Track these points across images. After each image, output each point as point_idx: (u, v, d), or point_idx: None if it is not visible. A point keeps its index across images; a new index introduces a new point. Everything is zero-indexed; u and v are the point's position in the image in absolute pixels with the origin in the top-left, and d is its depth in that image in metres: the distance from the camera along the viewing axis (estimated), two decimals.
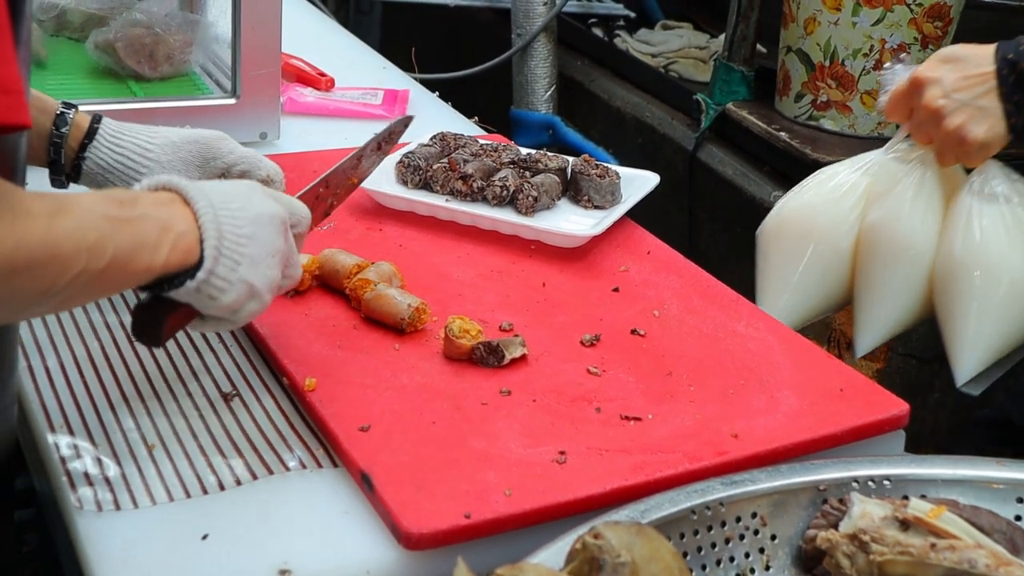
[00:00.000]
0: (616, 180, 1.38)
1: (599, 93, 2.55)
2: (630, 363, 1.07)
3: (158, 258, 0.86)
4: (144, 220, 0.85)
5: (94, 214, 0.82)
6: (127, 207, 0.85)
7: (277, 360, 1.04)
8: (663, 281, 1.24)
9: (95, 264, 0.81)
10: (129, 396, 1.00)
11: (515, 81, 2.63)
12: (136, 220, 0.85)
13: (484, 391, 1.01)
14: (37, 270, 0.77)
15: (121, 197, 0.87)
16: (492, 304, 1.16)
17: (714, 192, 2.18)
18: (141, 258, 0.85)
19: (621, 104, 2.46)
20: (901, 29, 1.92)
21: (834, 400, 1.02)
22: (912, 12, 1.90)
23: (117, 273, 0.83)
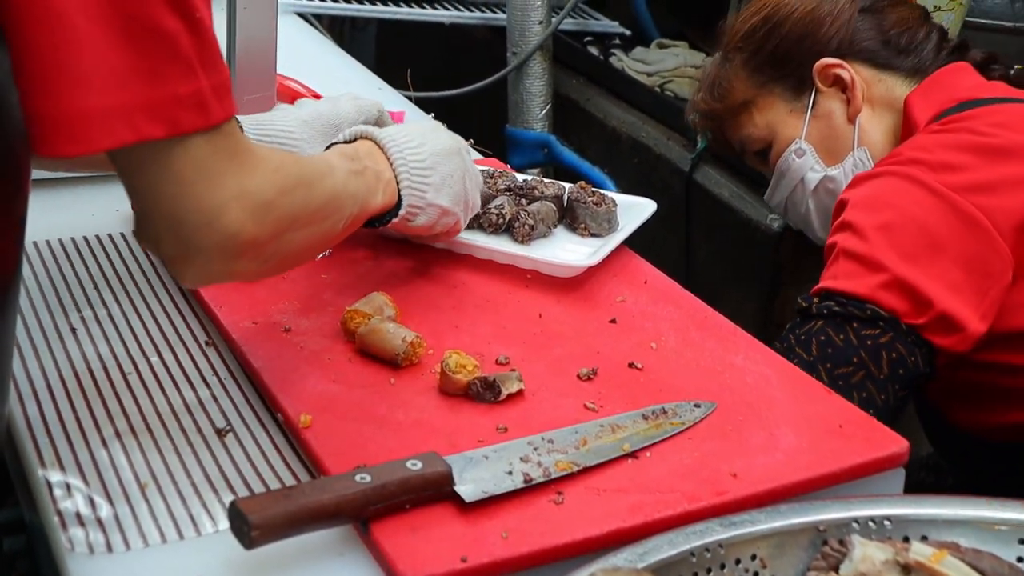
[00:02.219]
0: (613, 208, 1.38)
1: (595, 112, 2.54)
2: (628, 398, 1.06)
3: (377, 202, 1.09)
4: (366, 172, 1.07)
5: (343, 170, 1.03)
6: (355, 161, 1.06)
7: (272, 395, 1.03)
8: (660, 312, 1.23)
9: (355, 209, 1.03)
10: (122, 432, 0.99)
11: (510, 99, 2.62)
12: (363, 172, 1.06)
13: (480, 428, 1.00)
14: (332, 215, 0.99)
15: (349, 152, 1.07)
16: (488, 336, 1.15)
17: (710, 214, 2.17)
18: (370, 203, 1.07)
19: (617, 124, 2.45)
20: None
21: (833, 437, 1.02)
22: None
23: (361, 216, 1.06)
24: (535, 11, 2.51)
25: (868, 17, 1.54)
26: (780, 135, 1.57)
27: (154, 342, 1.14)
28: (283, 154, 0.94)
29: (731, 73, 1.60)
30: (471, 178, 1.21)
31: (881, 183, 1.33)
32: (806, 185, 1.55)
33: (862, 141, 1.51)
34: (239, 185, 0.85)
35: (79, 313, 1.18)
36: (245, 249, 0.87)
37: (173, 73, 0.79)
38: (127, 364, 1.10)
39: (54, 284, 1.23)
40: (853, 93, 1.51)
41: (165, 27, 0.78)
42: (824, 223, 1.57)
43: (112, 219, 1.36)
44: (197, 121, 0.81)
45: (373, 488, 0.86)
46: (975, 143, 1.32)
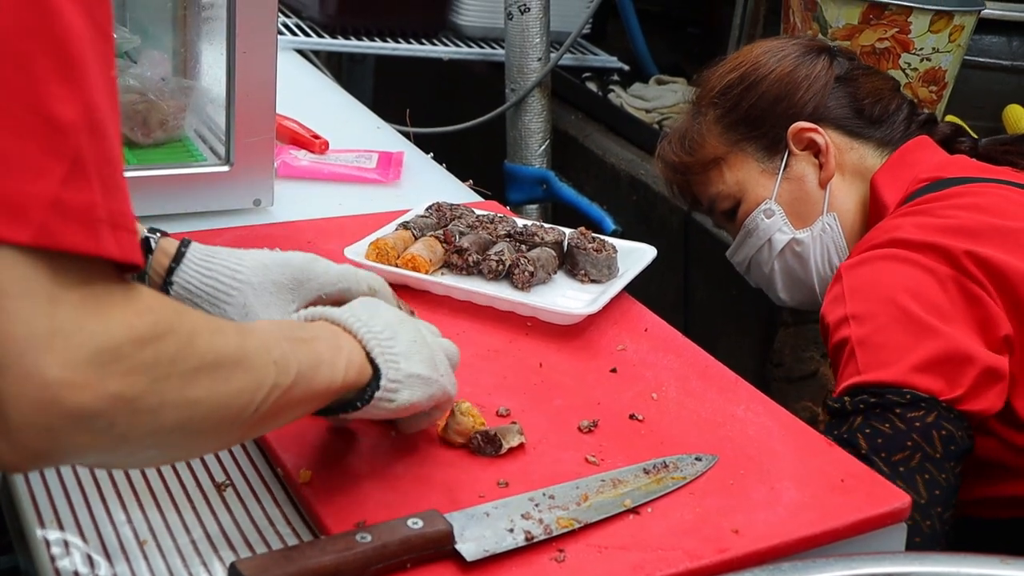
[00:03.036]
0: (613, 254, 1.38)
1: (593, 148, 2.55)
2: (628, 451, 1.06)
3: (337, 376, 0.88)
4: (317, 341, 0.88)
5: (274, 335, 0.83)
6: (300, 330, 0.89)
7: (271, 449, 1.03)
8: (661, 361, 1.23)
9: (284, 380, 0.80)
10: (120, 487, 0.99)
11: (509, 135, 2.63)
12: (311, 340, 0.88)
13: (481, 483, 1.00)
14: (235, 382, 0.75)
15: (292, 324, 0.91)
16: (489, 386, 1.16)
17: (709, 252, 2.18)
18: (323, 375, 0.87)
19: (616, 161, 2.47)
20: None
21: (835, 492, 1.02)
22: (908, 77, 1.91)
23: (304, 391, 0.84)
24: (534, 48, 2.52)
25: (843, 85, 1.55)
26: (750, 194, 1.56)
27: None
28: (163, 300, 0.72)
29: (704, 128, 1.60)
30: (430, 338, 1.01)
31: (870, 269, 1.32)
32: (773, 246, 1.55)
33: (832, 207, 1.52)
34: (74, 320, 0.64)
35: None
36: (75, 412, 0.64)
37: (57, 170, 0.64)
38: None
39: None
40: (827, 158, 1.51)
41: (56, 114, 0.64)
42: (788, 285, 1.58)
43: None
44: (80, 240, 0.64)
45: (374, 548, 0.86)
46: (941, 225, 1.32)
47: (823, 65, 1.55)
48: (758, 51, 1.59)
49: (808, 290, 1.57)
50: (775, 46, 1.60)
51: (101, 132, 0.66)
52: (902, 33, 1.88)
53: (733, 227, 1.61)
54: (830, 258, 1.53)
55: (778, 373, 2.04)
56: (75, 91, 0.65)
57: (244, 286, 1.05)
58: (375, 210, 1.61)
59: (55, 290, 0.64)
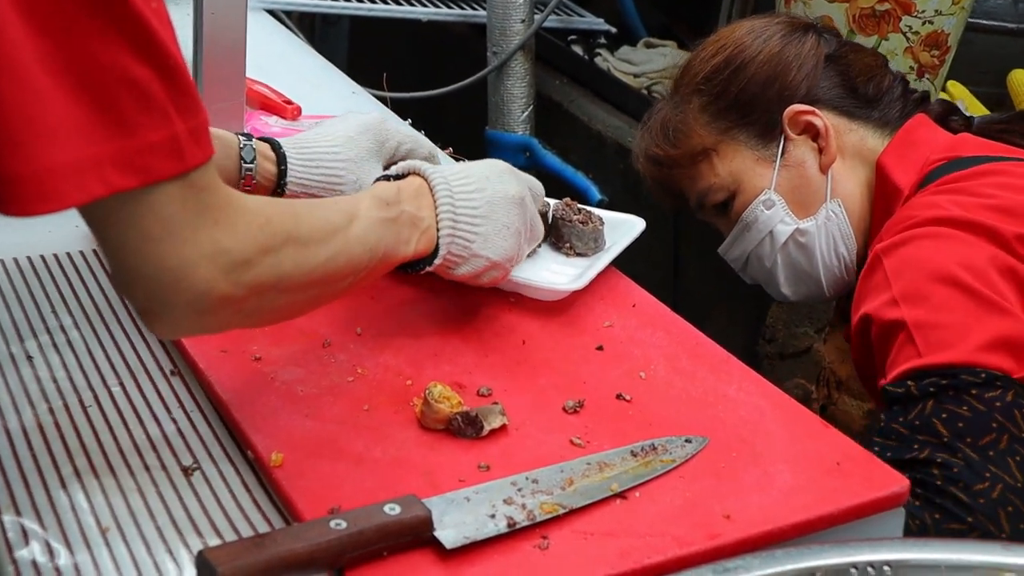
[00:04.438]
0: (600, 227, 1.37)
1: (579, 115, 2.54)
2: (616, 432, 1.06)
3: (409, 250, 1.07)
4: (401, 217, 1.06)
5: (371, 218, 1.02)
6: (392, 207, 1.05)
7: (241, 431, 1.02)
8: (649, 338, 1.23)
9: (374, 262, 1.02)
10: (82, 471, 0.98)
11: (490, 101, 2.62)
12: (397, 218, 1.05)
13: (462, 466, 0.99)
14: (336, 274, 0.97)
15: (386, 196, 1.06)
16: (469, 365, 1.15)
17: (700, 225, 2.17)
18: (400, 252, 1.06)
19: (602, 127, 2.46)
20: (897, 58, 1.93)
21: (831, 475, 1.02)
22: (909, 41, 1.91)
23: (384, 266, 1.05)
24: (517, 9, 2.51)
25: (833, 64, 1.52)
26: (746, 185, 1.53)
27: (116, 371, 1.13)
28: (280, 207, 0.93)
29: (689, 117, 1.56)
30: (529, 231, 1.19)
31: (914, 248, 1.30)
32: (775, 239, 1.52)
33: (835, 193, 1.49)
34: (212, 242, 0.84)
35: (35, 340, 1.17)
36: (218, 307, 0.86)
37: (145, 121, 0.79)
38: (87, 395, 1.08)
39: (8, 308, 1.21)
40: (827, 142, 1.49)
41: (134, 75, 0.78)
42: (791, 278, 1.55)
43: (71, 236, 1.34)
44: (171, 167, 0.81)
45: (349, 535, 0.85)
46: (985, 204, 1.31)
47: (811, 43, 1.52)
48: (740, 32, 1.56)
49: (814, 283, 1.54)
50: (757, 26, 1.56)
51: (172, 73, 0.80)
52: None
53: (726, 221, 1.58)
54: (836, 247, 1.50)
55: (770, 349, 2.04)
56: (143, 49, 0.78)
57: (347, 163, 1.24)
58: None
59: (184, 219, 0.83)
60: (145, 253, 0.83)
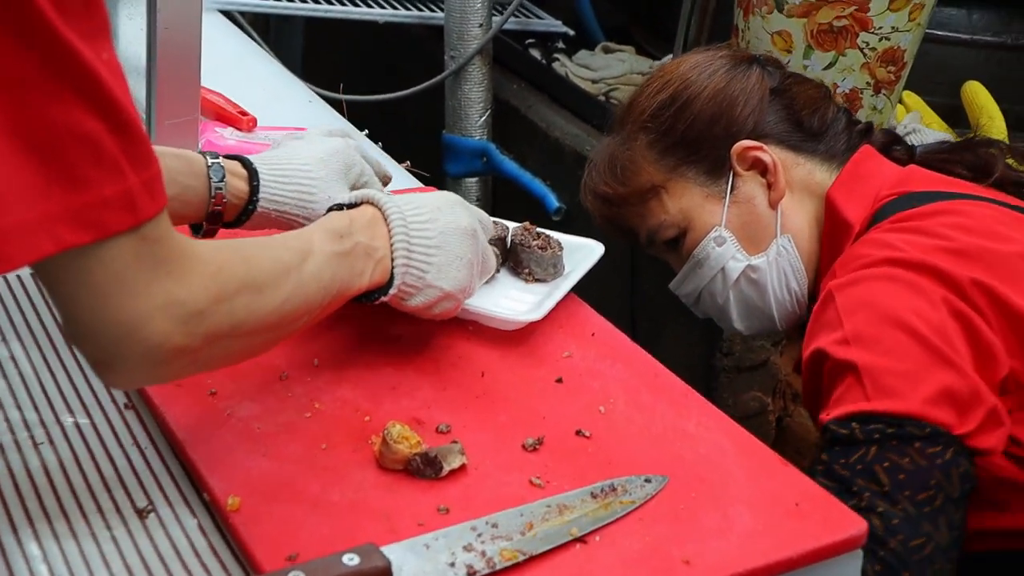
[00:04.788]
0: (558, 252, 1.37)
1: (537, 121, 2.54)
2: (575, 472, 1.06)
3: (363, 281, 1.08)
4: (356, 249, 1.07)
5: (325, 254, 1.02)
6: (345, 239, 1.06)
7: (197, 471, 1.01)
8: (608, 369, 1.23)
9: (329, 298, 1.03)
10: (33, 514, 0.97)
11: (447, 105, 2.61)
12: (351, 251, 1.06)
13: (421, 508, 0.99)
14: (291, 314, 0.97)
15: (339, 228, 1.06)
16: (428, 399, 1.14)
17: None
18: (354, 285, 1.07)
19: (560, 135, 2.45)
20: (854, 73, 1.93)
21: (790, 517, 1.02)
22: (865, 56, 1.92)
23: (339, 300, 1.06)
24: (475, 13, 2.50)
25: (778, 98, 1.52)
26: (696, 222, 1.52)
27: (68, 404, 1.12)
28: (230, 252, 0.92)
29: (636, 155, 1.55)
30: (481, 263, 1.20)
31: (867, 289, 1.30)
32: (727, 275, 1.51)
33: (785, 228, 1.49)
34: (165, 294, 0.84)
35: None
36: (173, 358, 0.86)
37: (98, 176, 0.78)
38: (38, 432, 1.07)
39: None
40: (776, 177, 1.49)
41: (86, 130, 0.77)
42: (743, 313, 1.55)
43: None
44: (124, 221, 0.80)
45: None
46: (939, 246, 1.31)
47: (756, 77, 1.52)
48: (684, 67, 1.55)
49: (766, 317, 1.54)
50: (702, 61, 1.55)
51: (121, 121, 0.79)
52: (861, 11, 1.88)
53: (677, 257, 1.57)
54: (788, 282, 1.50)
55: (727, 362, 2.05)
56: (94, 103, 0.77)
57: (319, 182, 1.23)
58: None
59: (137, 272, 0.82)
60: (97, 308, 0.82)
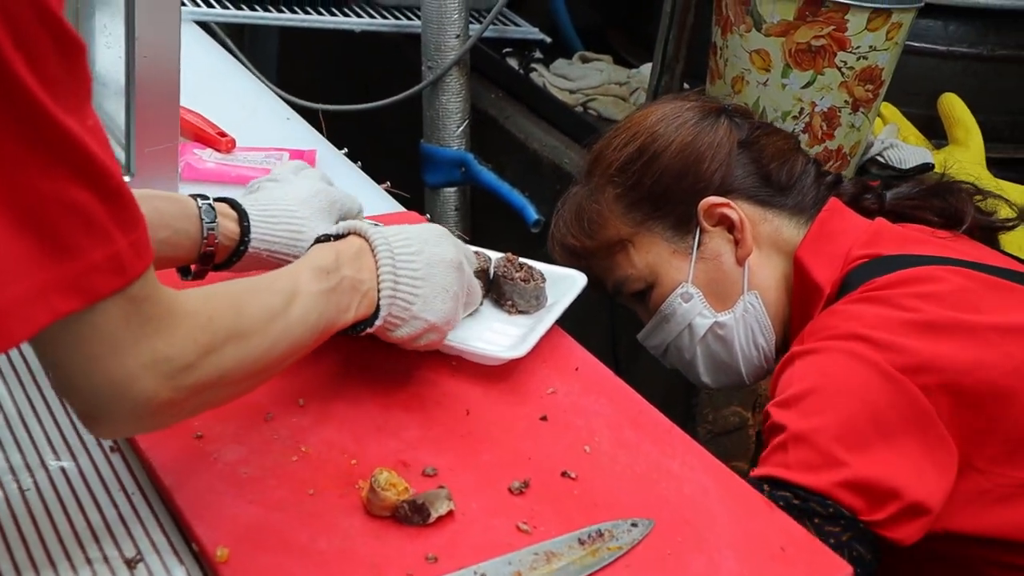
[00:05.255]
0: (541, 284, 1.38)
1: (514, 132, 2.54)
2: (562, 515, 1.07)
3: (349, 316, 1.10)
4: (342, 284, 1.08)
5: (312, 293, 1.03)
6: (331, 275, 1.07)
7: (185, 520, 1.01)
8: (592, 405, 1.24)
9: (315, 337, 1.05)
10: (21, 565, 0.97)
11: (425, 115, 2.61)
12: (337, 287, 1.07)
13: (409, 558, 1.00)
14: (277, 357, 0.99)
15: (325, 264, 1.07)
16: (414, 440, 1.15)
17: None
18: (340, 320, 1.08)
19: (538, 147, 2.46)
20: (832, 92, 1.95)
21: (775, 562, 1.04)
22: (844, 75, 1.93)
23: (324, 336, 1.07)
24: (452, 24, 2.49)
25: (746, 151, 1.51)
26: (663, 277, 1.52)
27: (54, 447, 1.12)
28: (220, 300, 0.94)
29: (604, 208, 1.54)
30: (466, 295, 1.21)
31: (825, 360, 1.31)
32: (694, 331, 1.52)
33: (752, 285, 1.49)
34: (152, 351, 0.85)
35: None
36: (160, 411, 0.88)
37: (88, 243, 0.79)
38: (24, 478, 1.07)
39: None
40: (743, 234, 1.48)
41: (75, 200, 0.78)
42: (710, 368, 1.55)
43: None
44: (114, 283, 0.81)
45: None
46: (909, 320, 1.31)
47: (724, 130, 1.51)
48: (653, 119, 1.54)
49: (734, 372, 1.54)
50: (669, 112, 1.54)
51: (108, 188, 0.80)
52: (839, 31, 1.89)
53: (643, 308, 1.57)
54: (755, 338, 1.50)
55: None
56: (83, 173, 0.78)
57: (306, 221, 1.25)
58: None
59: (126, 332, 0.83)
60: (87, 368, 0.83)
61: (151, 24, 1.43)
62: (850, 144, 2.03)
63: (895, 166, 2.14)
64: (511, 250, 1.43)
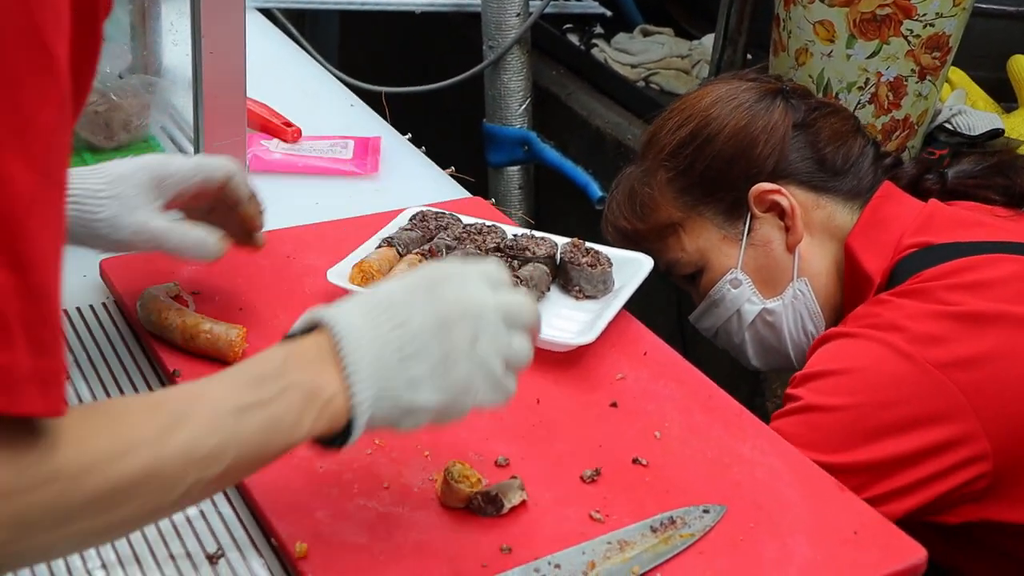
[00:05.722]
0: (608, 268, 1.38)
1: (577, 109, 2.54)
2: (634, 504, 1.08)
3: (299, 433, 0.86)
4: (285, 395, 0.84)
5: (219, 413, 0.81)
6: (268, 383, 0.84)
7: (265, 518, 1.03)
8: (662, 390, 1.24)
9: (209, 473, 0.80)
10: (108, 563, 1.00)
11: (487, 95, 2.62)
12: (275, 399, 0.84)
13: (484, 549, 1.01)
14: (135, 499, 0.77)
15: (264, 372, 0.85)
16: (485, 431, 1.16)
17: None
18: (275, 442, 0.85)
19: (601, 123, 2.45)
20: (898, 61, 1.92)
21: (848, 546, 1.04)
22: (910, 44, 1.91)
23: (243, 468, 0.84)
24: (512, 3, 2.49)
25: (802, 134, 1.49)
26: (713, 263, 1.52)
27: None
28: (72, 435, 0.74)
29: (655, 191, 1.54)
30: (487, 343, 0.92)
31: (857, 346, 1.31)
32: (743, 317, 1.52)
33: (802, 272, 1.48)
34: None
35: None
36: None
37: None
38: None
39: None
40: (794, 221, 1.47)
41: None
42: (759, 352, 1.55)
43: (81, 287, 1.36)
44: None
45: None
46: (950, 313, 1.30)
47: (779, 113, 1.49)
48: (707, 101, 1.52)
49: (783, 356, 1.54)
50: (724, 94, 1.52)
51: (36, 292, 0.69)
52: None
53: (695, 290, 1.57)
54: (804, 325, 1.50)
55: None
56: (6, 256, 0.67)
57: (107, 200, 1.16)
58: (354, 208, 1.60)
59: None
60: None
61: (216, 21, 1.45)
62: (917, 113, 2.00)
63: (964, 132, 2.11)
64: (576, 227, 1.44)
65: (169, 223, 1.20)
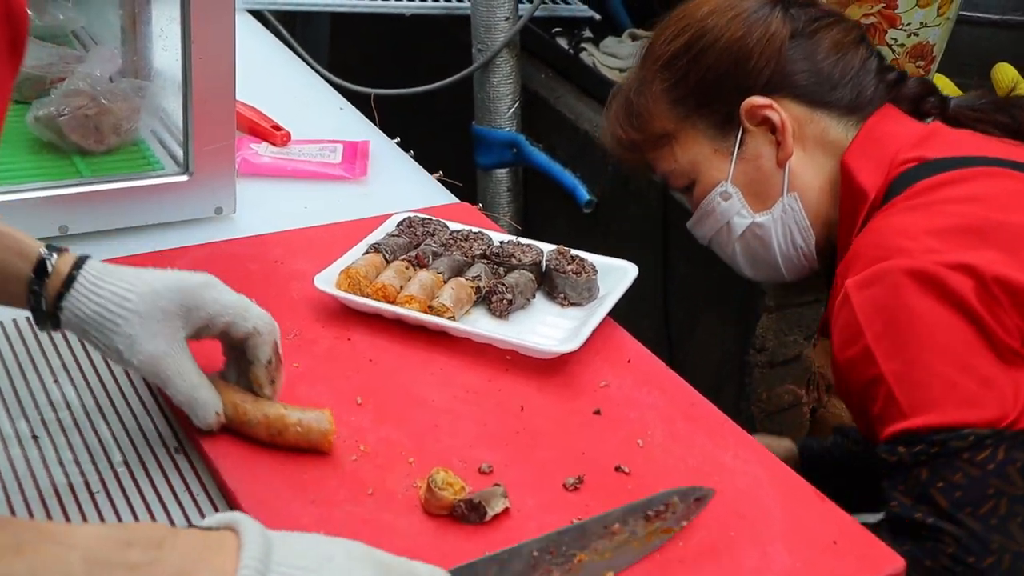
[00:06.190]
0: (593, 276, 1.39)
1: (566, 113, 2.54)
2: None
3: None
4: (153, 571, 0.73)
5: (66, 559, 0.71)
6: (134, 550, 0.74)
7: None
8: (645, 398, 1.25)
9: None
10: None
11: (476, 97, 2.62)
12: (139, 568, 0.73)
13: (467, 556, 1.01)
14: None
15: (138, 536, 0.75)
16: (469, 436, 1.17)
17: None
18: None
19: (589, 127, 2.46)
20: None
21: (827, 555, 1.04)
22: (894, 52, 1.92)
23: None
24: (501, 5, 2.50)
25: (800, 44, 1.46)
26: (704, 175, 1.52)
27: (121, 449, 1.15)
28: None
29: (650, 101, 1.53)
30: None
31: (884, 291, 1.26)
32: (732, 229, 1.52)
33: (792, 187, 1.47)
34: None
35: (39, 413, 1.18)
36: None
37: None
38: (94, 480, 1.10)
39: (10, 376, 1.22)
40: (784, 137, 1.45)
41: None
42: (749, 263, 1.55)
43: None
44: None
45: None
46: (954, 225, 1.27)
47: (777, 23, 1.46)
48: (704, 10, 1.49)
49: (772, 268, 1.54)
50: (723, 2, 1.49)
51: None
52: (888, 8, 1.88)
53: (691, 199, 1.57)
54: (793, 239, 1.49)
55: (760, 358, 2.07)
56: None
57: (131, 315, 1.07)
58: (343, 212, 1.61)
59: None
60: None
61: (206, 27, 1.46)
62: None
63: None
64: (564, 229, 1.45)
65: (179, 369, 1.10)
